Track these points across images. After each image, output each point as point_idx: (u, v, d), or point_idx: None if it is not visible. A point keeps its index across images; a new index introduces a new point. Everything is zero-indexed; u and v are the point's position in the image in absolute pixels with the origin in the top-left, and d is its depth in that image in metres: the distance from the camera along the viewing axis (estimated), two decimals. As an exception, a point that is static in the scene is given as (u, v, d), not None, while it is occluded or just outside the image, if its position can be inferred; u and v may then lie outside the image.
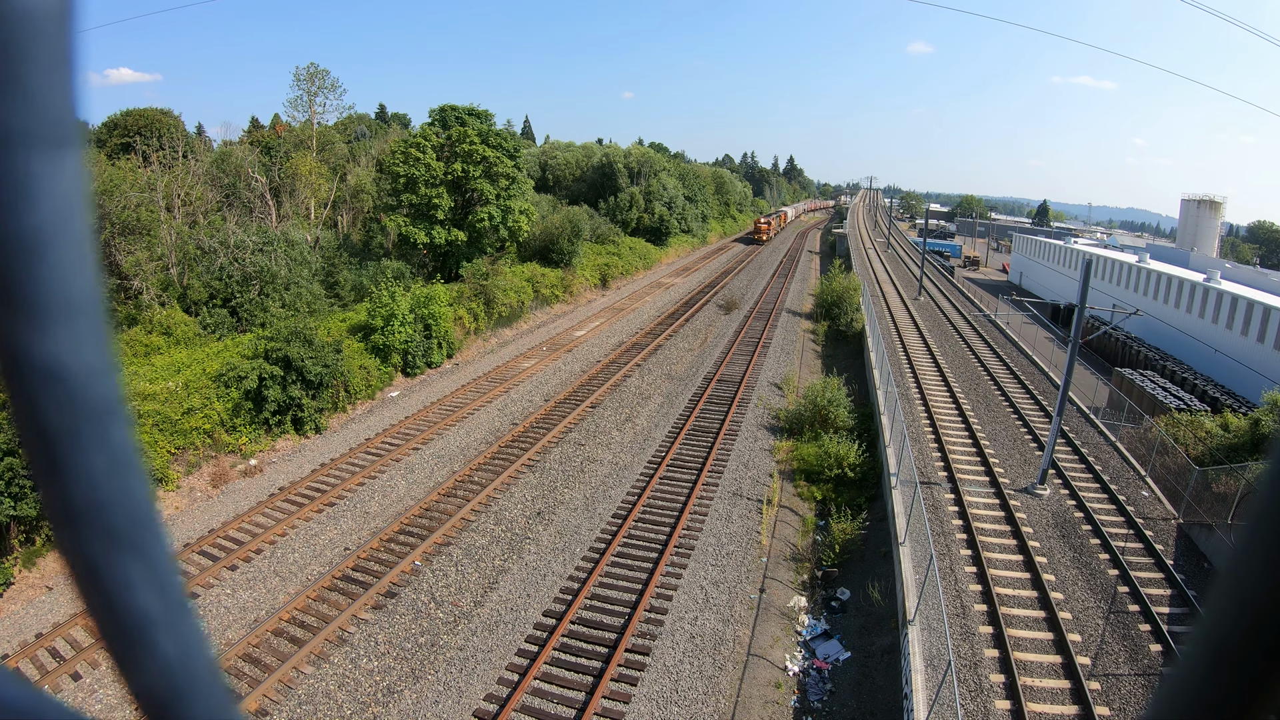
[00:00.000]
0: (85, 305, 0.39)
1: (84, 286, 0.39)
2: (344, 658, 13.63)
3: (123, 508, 0.42)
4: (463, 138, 37.68)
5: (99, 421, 0.41)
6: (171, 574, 0.45)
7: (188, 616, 0.45)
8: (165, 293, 28.13)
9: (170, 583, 0.44)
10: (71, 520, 0.41)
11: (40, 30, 0.37)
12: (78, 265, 0.39)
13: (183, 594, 0.45)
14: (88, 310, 0.40)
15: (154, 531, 0.44)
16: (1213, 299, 38.01)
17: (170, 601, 0.44)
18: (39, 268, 0.38)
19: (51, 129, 0.38)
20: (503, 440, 23.90)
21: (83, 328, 0.39)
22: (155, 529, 0.44)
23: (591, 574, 16.30)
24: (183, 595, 0.45)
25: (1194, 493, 18.41)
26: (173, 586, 0.45)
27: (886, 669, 13.63)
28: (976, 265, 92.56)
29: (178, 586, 0.45)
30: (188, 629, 0.45)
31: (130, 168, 31.37)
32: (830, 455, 21.98)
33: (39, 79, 0.37)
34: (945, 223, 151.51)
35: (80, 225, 0.39)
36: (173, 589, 0.45)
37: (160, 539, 0.44)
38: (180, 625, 0.45)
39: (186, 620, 0.45)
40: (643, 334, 39.71)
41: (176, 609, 0.45)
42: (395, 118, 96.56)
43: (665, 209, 72.39)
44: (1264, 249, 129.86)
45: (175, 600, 0.44)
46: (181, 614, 0.45)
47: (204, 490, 20.31)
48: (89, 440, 0.41)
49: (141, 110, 51.29)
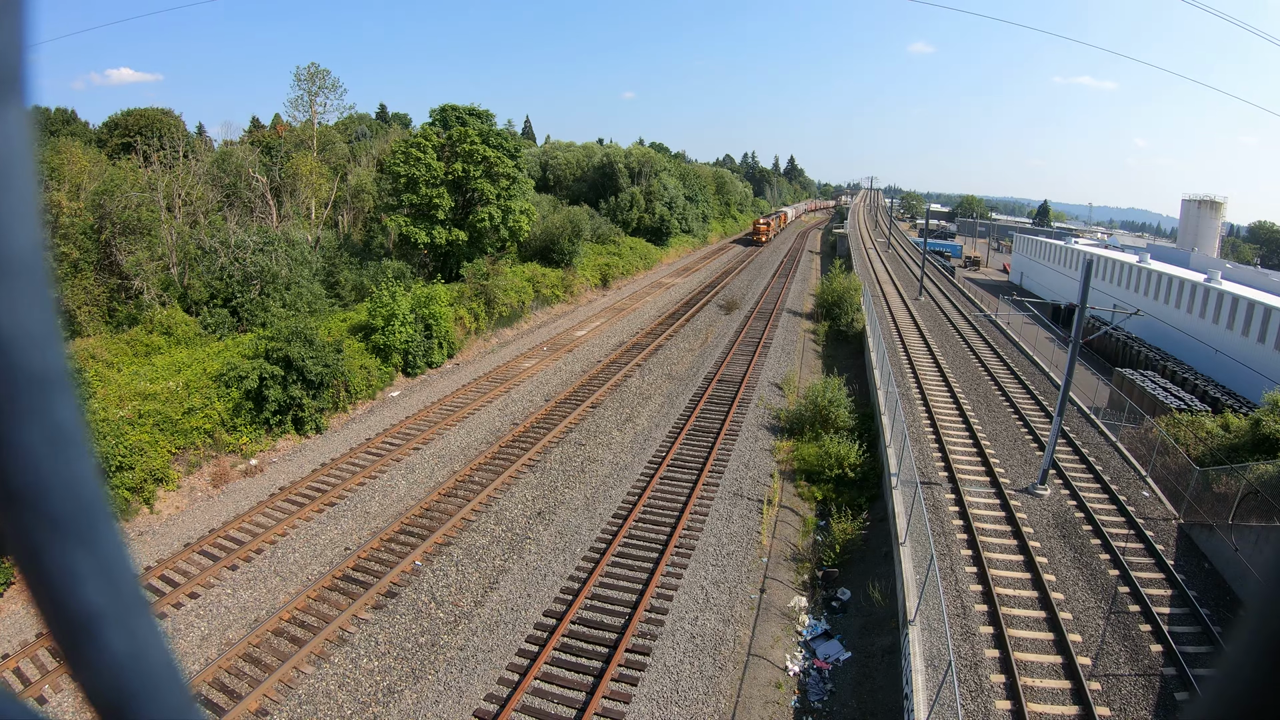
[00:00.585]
0: (26, 265, 0.36)
1: (24, 245, 0.36)
2: (344, 657, 13.63)
3: (66, 491, 0.39)
4: (463, 138, 37.69)
5: (39, 393, 0.37)
6: (122, 564, 0.42)
7: (141, 611, 0.42)
8: (166, 292, 28.14)
9: (121, 574, 0.41)
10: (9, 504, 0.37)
11: None
12: (19, 222, 0.36)
13: (135, 586, 0.42)
14: (29, 270, 0.36)
15: (101, 518, 0.41)
16: (1213, 299, 38.00)
17: (121, 595, 0.41)
18: None
19: None
20: (503, 440, 23.90)
21: (22, 290, 0.36)
22: (103, 515, 0.41)
23: (592, 574, 16.29)
24: (135, 587, 0.42)
25: (1195, 493, 18.41)
26: (124, 578, 0.41)
27: (887, 669, 13.63)
28: (977, 265, 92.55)
29: (129, 578, 0.42)
30: (141, 624, 0.42)
31: (131, 168, 31.42)
32: (831, 455, 21.98)
33: None
34: (946, 223, 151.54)
35: (23, 178, 0.36)
36: (124, 581, 0.41)
37: (109, 526, 0.41)
38: (132, 620, 0.41)
39: (139, 615, 0.42)
40: (643, 334, 39.72)
41: (128, 603, 0.41)
42: (396, 118, 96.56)
43: (666, 209, 72.40)
44: (1265, 249, 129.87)
45: (126, 593, 0.41)
46: (134, 608, 0.42)
47: (204, 490, 20.32)
48: (27, 414, 0.37)
49: (142, 110, 51.40)
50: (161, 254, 28.44)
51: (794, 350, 37.80)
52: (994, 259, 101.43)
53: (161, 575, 16.10)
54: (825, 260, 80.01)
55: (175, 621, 14.53)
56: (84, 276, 25.82)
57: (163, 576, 16.06)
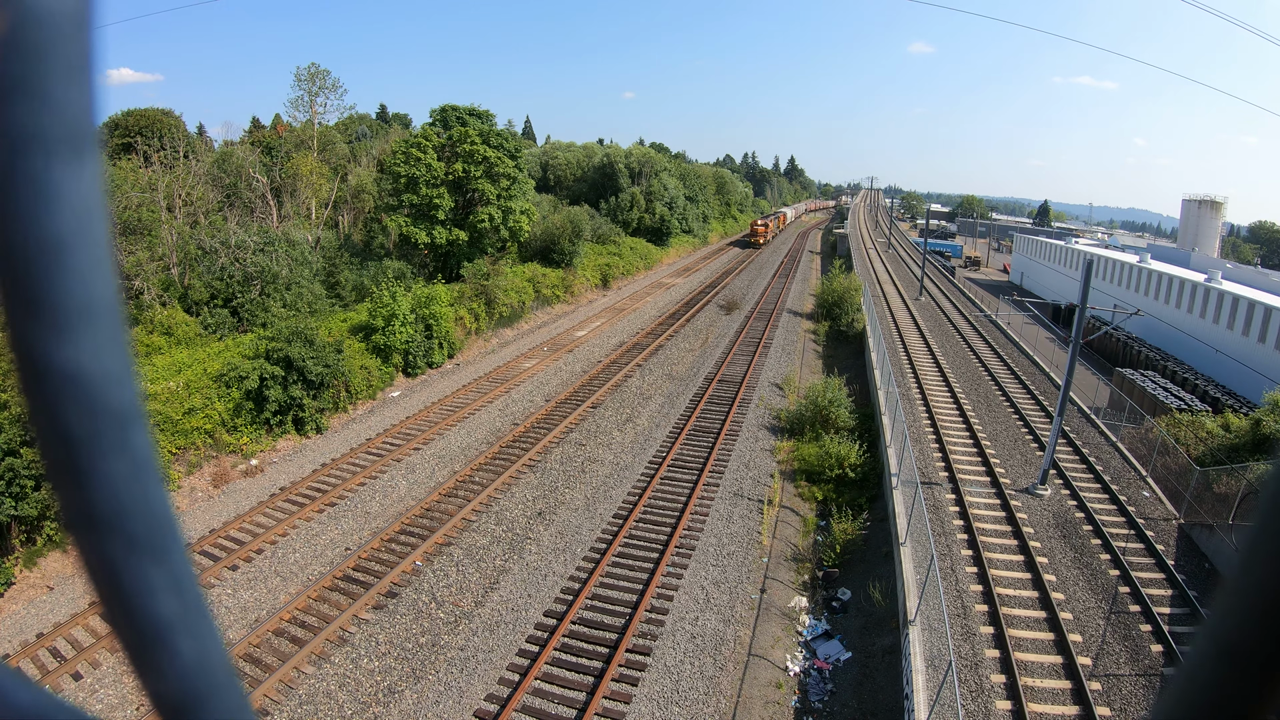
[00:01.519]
0: (105, 310, 0.39)
1: (103, 291, 0.39)
2: (345, 658, 13.63)
3: (143, 513, 0.42)
4: (464, 138, 37.70)
5: (120, 427, 0.41)
6: (190, 577, 0.45)
7: (206, 619, 0.45)
8: (166, 293, 28.14)
9: (189, 586, 0.44)
10: (92, 526, 0.41)
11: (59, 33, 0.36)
12: (97, 270, 0.39)
13: (200, 597, 0.45)
14: (107, 315, 0.39)
15: (173, 535, 0.44)
16: (1214, 299, 37.99)
17: (189, 604, 0.44)
18: (59, 273, 0.38)
19: (71, 134, 0.37)
20: (504, 440, 23.90)
21: (103, 332, 0.39)
22: (174, 533, 0.44)
23: (592, 574, 16.30)
24: (200, 598, 0.45)
25: (1195, 493, 18.41)
26: (191, 589, 0.44)
27: (887, 669, 13.62)
28: (977, 265, 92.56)
29: (196, 589, 0.45)
30: (206, 631, 0.45)
31: (131, 168, 31.42)
32: (831, 455, 21.98)
33: (58, 83, 0.37)
34: (946, 223, 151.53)
35: (99, 230, 0.39)
36: (191, 592, 0.44)
37: (178, 542, 0.44)
38: (199, 628, 0.44)
39: (205, 623, 0.45)
40: (644, 334, 39.72)
41: (195, 612, 0.44)
42: (396, 118, 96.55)
43: (666, 209, 72.39)
44: (1265, 249, 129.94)
45: (194, 603, 0.44)
46: (200, 616, 0.45)
47: (205, 490, 20.33)
48: (110, 446, 0.40)
49: (142, 110, 51.32)
50: (162, 254, 28.45)
51: (794, 350, 37.80)
52: (994, 259, 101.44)
53: (162, 575, 16.09)
54: (825, 260, 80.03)
55: (176, 622, 14.52)
56: (84, 277, 25.74)
57: (163, 577, 16.05)
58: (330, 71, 42.22)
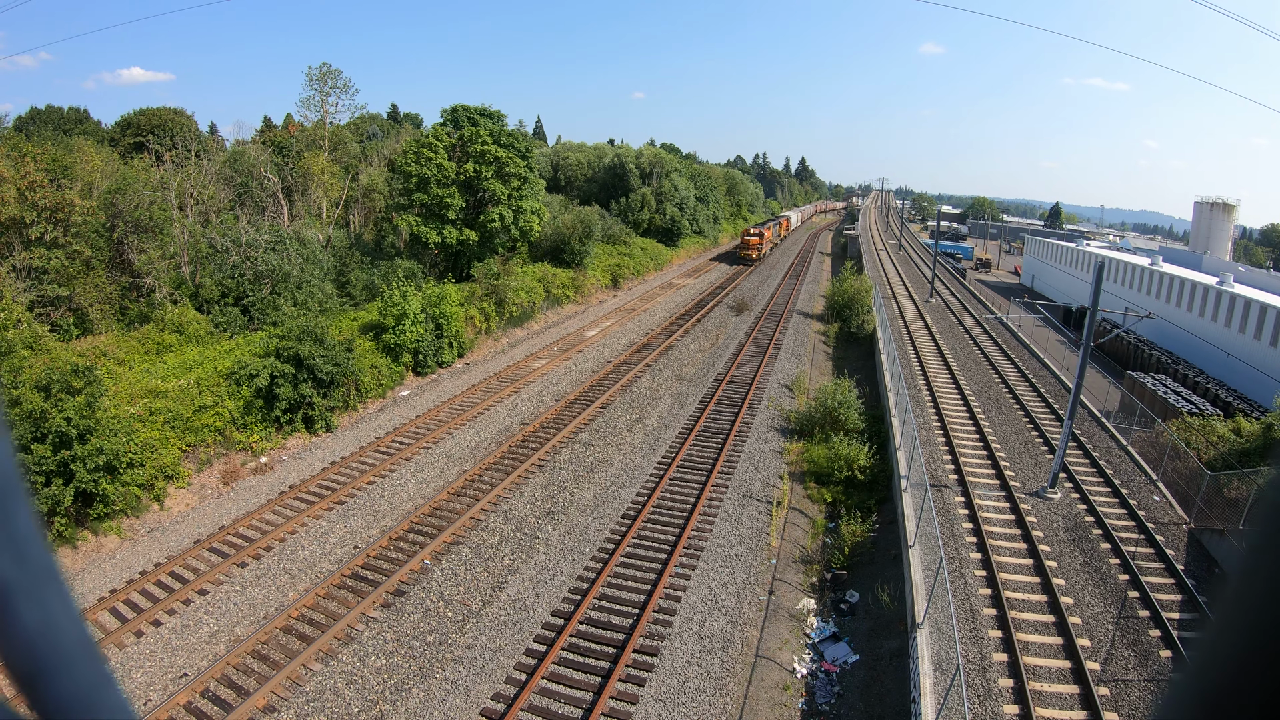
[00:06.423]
0: None
1: None
2: (352, 655, 13.69)
3: None
4: (475, 138, 37.81)
5: None
6: (34, 540, 0.41)
7: (52, 582, 0.42)
8: (178, 291, 28.36)
9: (33, 549, 0.41)
10: None
11: None
12: None
13: (47, 559, 0.42)
14: None
15: (13, 494, 0.40)
16: (1225, 302, 37.71)
17: (32, 566, 0.41)
18: None
19: None
20: (513, 440, 23.95)
21: None
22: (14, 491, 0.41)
23: (600, 574, 16.31)
24: (47, 560, 0.42)
25: (1206, 497, 18.26)
26: (36, 553, 0.41)
27: (895, 672, 13.58)
28: (988, 267, 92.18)
29: (43, 553, 0.42)
30: (52, 596, 0.42)
31: (143, 166, 31.70)
32: (840, 457, 21.93)
33: None
34: (957, 224, 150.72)
35: None
36: (35, 553, 0.41)
37: (19, 497, 0.41)
38: (44, 593, 0.41)
39: (52, 587, 0.42)
40: (654, 335, 39.72)
41: (39, 574, 0.41)
42: (407, 118, 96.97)
43: (677, 210, 72.34)
44: (1277, 252, 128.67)
45: (38, 565, 0.41)
46: (44, 580, 0.41)
47: (215, 487, 20.45)
48: None
49: (155, 110, 51.79)
50: (173, 252, 28.67)
51: (804, 352, 37.73)
52: (1005, 261, 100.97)
53: (171, 572, 16.22)
54: (836, 262, 79.82)
55: (184, 618, 14.64)
56: (96, 275, 26.02)
57: (172, 573, 16.18)
58: (342, 71, 42.57)
